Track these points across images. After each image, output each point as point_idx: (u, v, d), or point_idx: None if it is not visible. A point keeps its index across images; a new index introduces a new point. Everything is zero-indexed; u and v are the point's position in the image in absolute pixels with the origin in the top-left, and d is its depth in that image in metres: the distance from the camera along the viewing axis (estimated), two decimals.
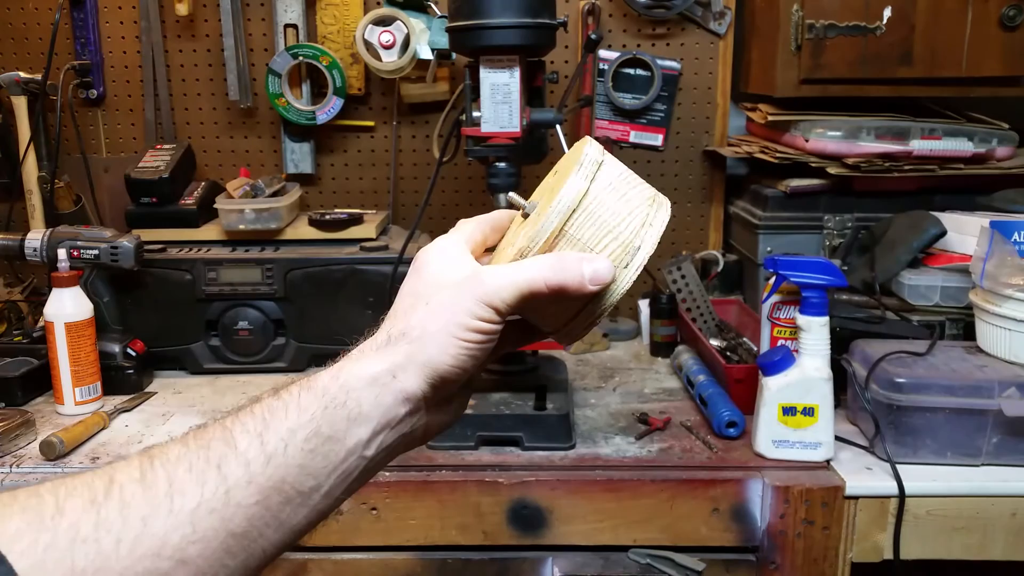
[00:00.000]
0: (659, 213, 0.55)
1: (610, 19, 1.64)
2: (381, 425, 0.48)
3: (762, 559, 1.04)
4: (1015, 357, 1.07)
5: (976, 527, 1.03)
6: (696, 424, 1.18)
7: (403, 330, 0.49)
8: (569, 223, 0.52)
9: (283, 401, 0.46)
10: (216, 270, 1.39)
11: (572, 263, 0.50)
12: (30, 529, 0.37)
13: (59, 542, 0.37)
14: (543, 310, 0.55)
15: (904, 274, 1.30)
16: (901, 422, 1.05)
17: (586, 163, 0.53)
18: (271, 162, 1.71)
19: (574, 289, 0.50)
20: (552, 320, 0.56)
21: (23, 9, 1.64)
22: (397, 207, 1.72)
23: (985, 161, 1.45)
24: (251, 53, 1.66)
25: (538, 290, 0.49)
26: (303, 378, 0.49)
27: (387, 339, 0.49)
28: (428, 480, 1.04)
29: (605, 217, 0.53)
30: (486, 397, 1.16)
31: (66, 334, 1.22)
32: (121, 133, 1.70)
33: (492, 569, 1.06)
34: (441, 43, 1.56)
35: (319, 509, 0.46)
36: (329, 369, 0.49)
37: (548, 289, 0.49)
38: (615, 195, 0.54)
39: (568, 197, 0.52)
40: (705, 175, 1.71)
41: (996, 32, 1.39)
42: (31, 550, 0.37)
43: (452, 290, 0.49)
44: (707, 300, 1.44)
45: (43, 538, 0.37)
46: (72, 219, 1.63)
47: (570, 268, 0.50)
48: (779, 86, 1.44)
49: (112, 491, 0.40)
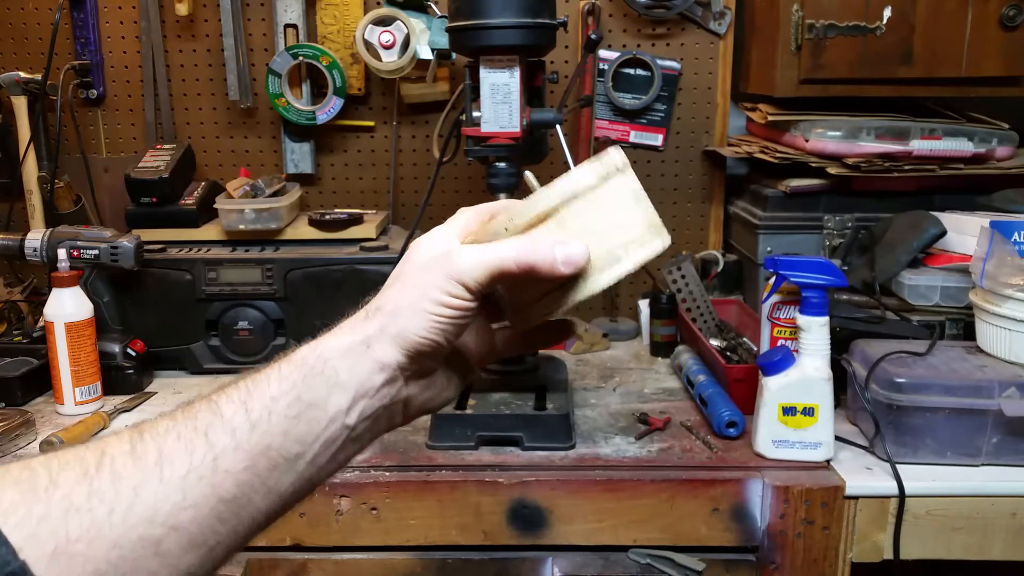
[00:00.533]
0: (655, 241, 0.55)
1: (610, 19, 1.64)
2: (359, 393, 0.49)
3: (762, 559, 1.04)
4: (1015, 357, 1.07)
5: (976, 527, 1.03)
6: (696, 424, 1.18)
7: (378, 305, 0.52)
8: (566, 207, 0.53)
9: (264, 374, 0.48)
10: (216, 270, 1.39)
11: (544, 244, 0.51)
12: (24, 501, 0.38)
13: (53, 513, 0.38)
14: (518, 293, 0.55)
15: (904, 274, 1.30)
16: (901, 422, 1.05)
17: (605, 162, 0.54)
18: (271, 162, 1.71)
19: (545, 270, 0.51)
20: (527, 312, 0.56)
21: (23, 9, 1.64)
22: (397, 207, 1.72)
23: (985, 161, 1.45)
24: (251, 53, 1.66)
25: (507, 269, 0.50)
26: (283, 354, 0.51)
27: (364, 315, 0.52)
28: (428, 480, 1.04)
29: (600, 218, 0.53)
30: (486, 397, 1.16)
31: (66, 334, 1.22)
32: (121, 133, 1.70)
33: (492, 569, 1.06)
34: (441, 43, 1.56)
35: (306, 476, 0.48)
36: (308, 344, 0.51)
37: (518, 268, 0.50)
38: (619, 204, 0.54)
39: (574, 183, 0.53)
40: (705, 175, 1.71)
41: (996, 32, 1.39)
42: (25, 522, 0.37)
43: (425, 267, 0.51)
44: (707, 300, 1.44)
45: (37, 510, 0.38)
46: (72, 219, 1.63)
47: (541, 249, 0.51)
48: (779, 86, 1.44)
49: (103, 463, 0.41)
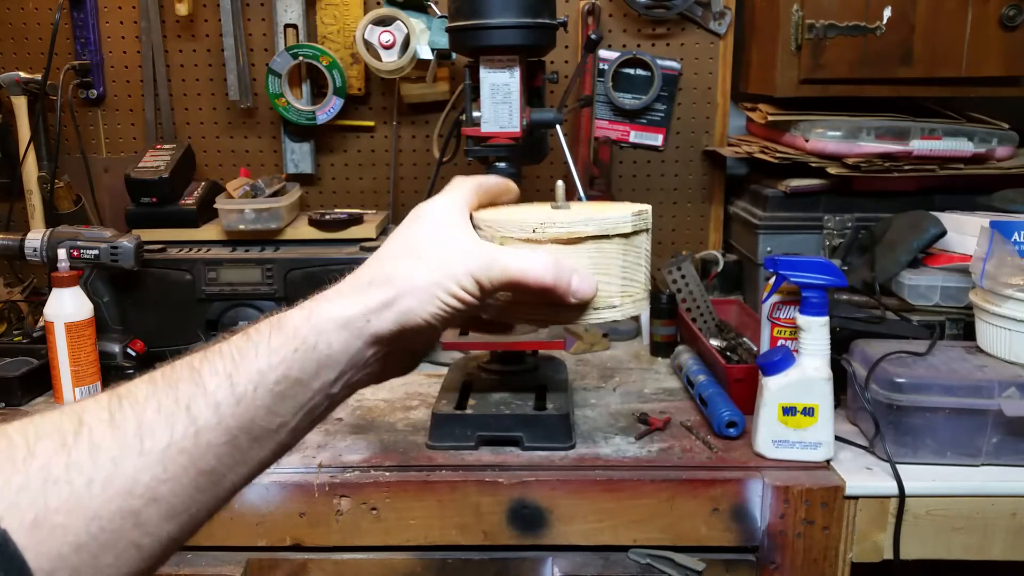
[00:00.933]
0: (644, 302, 0.61)
1: (610, 19, 1.64)
2: (349, 366, 0.49)
3: (762, 559, 1.04)
4: (1015, 357, 1.07)
5: (976, 527, 1.03)
6: (696, 424, 1.18)
7: (389, 276, 0.50)
8: (595, 241, 0.57)
9: (253, 342, 0.47)
10: (216, 270, 1.39)
11: (566, 270, 0.53)
12: (2, 471, 0.38)
13: (31, 484, 0.38)
14: (516, 296, 0.57)
15: (904, 274, 1.30)
16: (901, 422, 1.05)
17: (643, 218, 0.60)
18: (271, 162, 1.71)
19: (557, 293, 0.53)
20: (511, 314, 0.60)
21: (23, 9, 1.64)
22: (397, 207, 1.72)
23: (985, 161, 1.45)
24: (251, 53, 1.66)
25: (525, 281, 0.52)
26: (272, 315, 0.49)
27: (369, 281, 0.50)
28: (428, 480, 1.04)
29: (616, 264, 0.59)
30: (486, 397, 1.16)
31: (66, 334, 1.22)
32: (121, 133, 1.70)
33: (492, 569, 1.06)
34: (441, 43, 1.56)
35: (284, 443, 0.48)
36: (301, 307, 0.49)
37: (535, 283, 0.52)
38: (635, 260, 0.60)
39: (615, 225, 0.58)
40: (705, 175, 1.71)
41: (996, 32, 1.39)
42: (4, 491, 0.37)
43: (448, 255, 0.51)
44: (707, 300, 1.44)
45: (16, 480, 0.38)
46: (72, 219, 1.63)
47: (563, 274, 0.53)
48: (779, 86, 1.44)
49: (82, 433, 0.40)
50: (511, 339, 1.20)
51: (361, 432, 1.17)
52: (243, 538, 1.05)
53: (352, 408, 1.25)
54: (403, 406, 1.26)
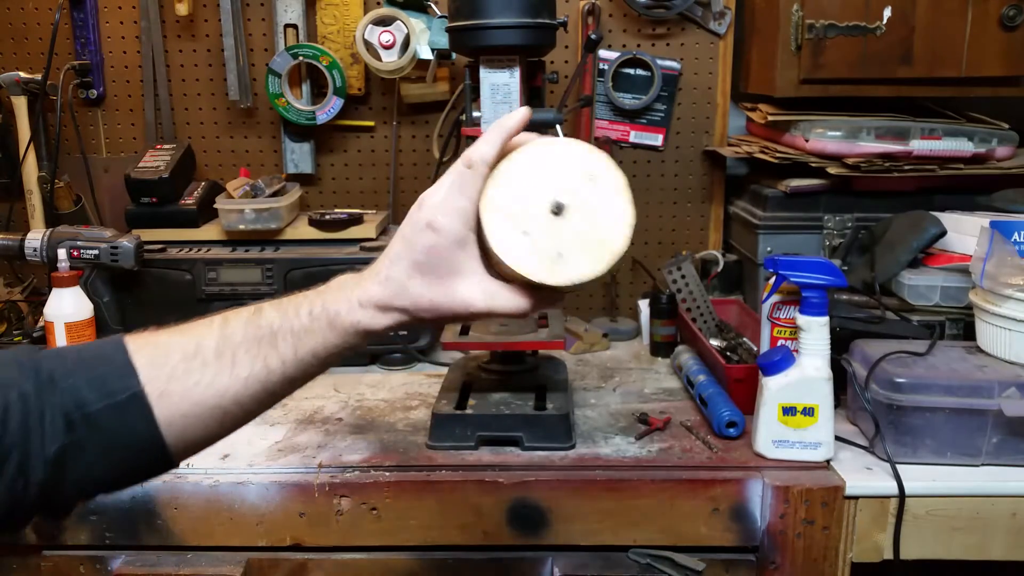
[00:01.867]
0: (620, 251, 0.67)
1: (610, 19, 1.64)
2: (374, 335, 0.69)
3: (762, 559, 1.04)
4: (1015, 357, 1.07)
5: (976, 527, 1.03)
6: (696, 424, 1.18)
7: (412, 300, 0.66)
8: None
9: (312, 331, 0.66)
10: (216, 270, 1.39)
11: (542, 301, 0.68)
12: (157, 367, 0.62)
13: (163, 372, 0.62)
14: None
15: (904, 274, 1.31)
16: (901, 422, 1.05)
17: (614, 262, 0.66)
18: (271, 162, 1.71)
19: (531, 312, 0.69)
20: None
21: (23, 9, 1.64)
22: (397, 207, 1.71)
23: (985, 161, 1.45)
24: (251, 53, 1.66)
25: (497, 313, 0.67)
26: (327, 303, 0.67)
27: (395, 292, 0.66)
28: (428, 480, 1.04)
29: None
30: (486, 397, 1.16)
31: (66, 334, 1.22)
32: (121, 133, 1.70)
33: (492, 569, 1.06)
34: (441, 43, 1.56)
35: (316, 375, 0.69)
36: (349, 307, 0.66)
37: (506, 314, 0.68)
38: None
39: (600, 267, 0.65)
40: (705, 175, 1.71)
41: (996, 32, 1.39)
42: (151, 368, 0.62)
43: (457, 292, 0.66)
44: (707, 300, 1.44)
45: (161, 366, 0.62)
46: (72, 219, 1.63)
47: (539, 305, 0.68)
48: (779, 86, 1.44)
49: (198, 354, 0.63)
50: (511, 339, 1.20)
51: (361, 432, 1.17)
52: (243, 538, 1.05)
53: (352, 408, 1.25)
54: (403, 406, 1.26)
